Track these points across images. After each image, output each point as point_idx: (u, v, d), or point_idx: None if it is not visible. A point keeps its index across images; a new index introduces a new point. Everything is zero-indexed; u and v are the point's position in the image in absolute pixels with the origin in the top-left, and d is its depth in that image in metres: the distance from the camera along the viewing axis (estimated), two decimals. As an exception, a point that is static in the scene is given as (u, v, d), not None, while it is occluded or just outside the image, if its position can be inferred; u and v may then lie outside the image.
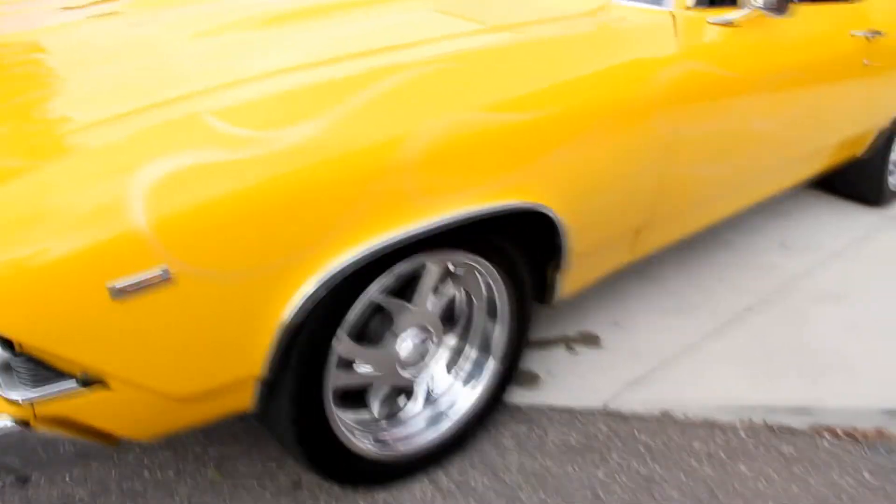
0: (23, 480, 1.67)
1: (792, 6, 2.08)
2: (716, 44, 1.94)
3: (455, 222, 1.42)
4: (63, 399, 1.16)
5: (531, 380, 2.10)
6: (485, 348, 1.80)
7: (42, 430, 1.18)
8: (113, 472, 1.72)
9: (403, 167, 1.32)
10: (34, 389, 1.15)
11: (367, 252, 1.32)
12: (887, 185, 3.39)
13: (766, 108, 2.18)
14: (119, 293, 1.09)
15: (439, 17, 1.80)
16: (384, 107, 1.34)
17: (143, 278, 1.11)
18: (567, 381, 2.10)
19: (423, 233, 1.38)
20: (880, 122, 3.06)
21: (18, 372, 1.15)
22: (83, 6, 2.10)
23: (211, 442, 1.82)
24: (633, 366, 2.17)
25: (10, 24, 1.94)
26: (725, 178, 2.20)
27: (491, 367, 1.80)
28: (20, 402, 1.14)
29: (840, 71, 2.52)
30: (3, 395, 1.15)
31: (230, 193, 1.15)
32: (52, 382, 1.16)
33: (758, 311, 2.51)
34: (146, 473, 1.73)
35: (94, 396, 1.18)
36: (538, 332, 2.29)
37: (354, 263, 1.32)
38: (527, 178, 1.53)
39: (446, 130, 1.38)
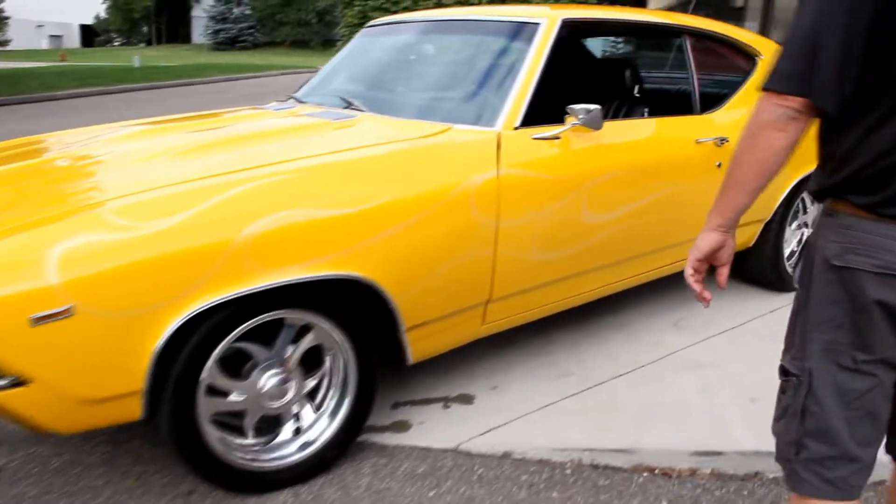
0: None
1: (608, 122, 2.64)
2: (535, 153, 2.51)
3: (282, 286, 1.99)
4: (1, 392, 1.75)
5: (404, 427, 2.59)
6: (344, 389, 2.32)
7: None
8: (57, 480, 2.28)
9: (241, 247, 1.91)
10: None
11: (213, 304, 1.90)
12: (786, 270, 3.81)
13: (601, 204, 2.71)
14: (37, 321, 1.69)
15: (312, 142, 2.44)
16: (232, 206, 1.95)
17: (53, 312, 1.71)
18: (434, 429, 2.58)
19: (256, 293, 1.96)
20: (759, 215, 3.53)
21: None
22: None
23: (137, 460, 2.38)
24: (494, 419, 2.64)
25: None
26: (566, 263, 2.71)
27: (348, 404, 2.31)
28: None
29: (688, 172, 3.04)
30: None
31: (116, 261, 1.76)
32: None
33: (625, 377, 2.95)
34: (82, 482, 2.28)
35: (22, 392, 1.77)
36: (423, 392, 2.80)
37: (206, 312, 1.90)
38: (352, 256, 2.10)
39: (278, 222, 1.97)
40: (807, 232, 3.98)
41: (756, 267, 3.80)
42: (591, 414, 2.68)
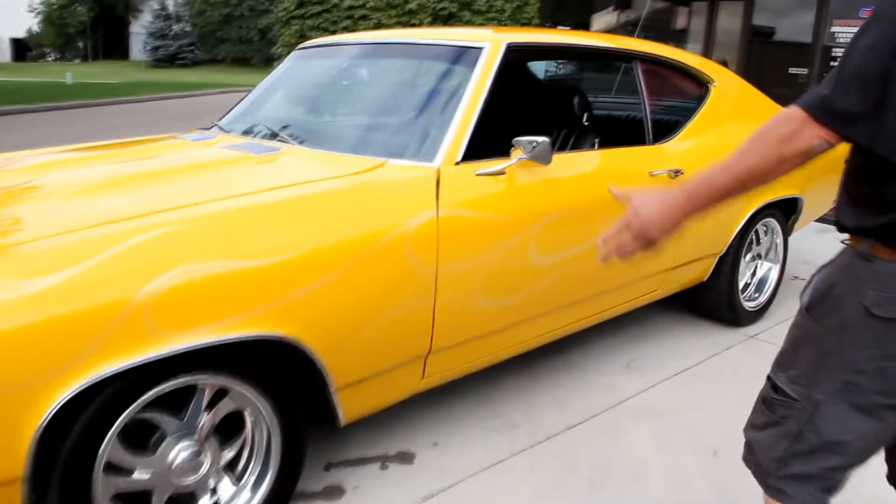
0: None
1: (556, 154, 2.43)
2: (479, 191, 2.29)
3: (192, 350, 1.72)
4: None
5: (337, 493, 2.32)
6: (267, 457, 2.05)
7: None
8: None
9: (140, 307, 1.64)
10: None
11: (109, 374, 1.62)
12: (740, 305, 3.67)
13: (550, 244, 2.51)
14: None
15: (229, 179, 2.17)
16: (132, 258, 1.67)
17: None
18: (370, 495, 2.32)
19: (161, 359, 1.68)
20: (713, 249, 3.39)
21: None
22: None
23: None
24: (436, 482, 2.39)
25: None
26: (513, 309, 2.50)
27: (273, 473, 2.04)
28: None
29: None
30: None
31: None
32: None
33: (578, 429, 2.74)
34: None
35: None
36: (359, 449, 2.54)
37: (102, 382, 1.61)
38: (274, 313, 1.84)
39: (185, 276, 1.70)
40: (761, 264, 3.86)
41: (710, 302, 3.66)
42: (543, 472, 2.46)
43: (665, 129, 3.19)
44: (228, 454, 2.03)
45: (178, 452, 1.89)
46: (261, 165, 2.33)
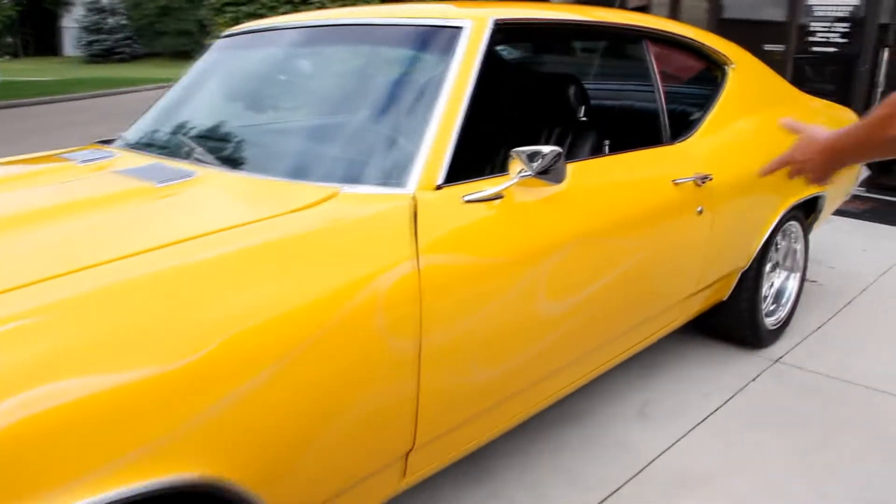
0: None
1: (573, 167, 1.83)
2: (471, 225, 1.67)
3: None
4: None
5: None
6: None
7: None
8: None
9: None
10: None
11: None
12: (763, 324, 3.12)
13: (563, 286, 1.90)
14: None
15: (117, 227, 1.50)
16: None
17: None
18: None
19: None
20: (737, 264, 2.82)
21: None
22: None
23: None
24: None
25: None
26: (516, 376, 1.88)
27: None
28: None
29: (667, 224, 2.27)
30: None
31: None
32: None
33: (598, 510, 2.15)
34: None
35: None
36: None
37: None
38: (181, 447, 1.19)
39: (33, 406, 1.04)
40: (778, 273, 3.32)
41: (729, 322, 3.10)
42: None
43: (682, 123, 2.60)
44: None
45: None
46: (163, 201, 1.65)
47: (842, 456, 2.39)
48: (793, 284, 3.33)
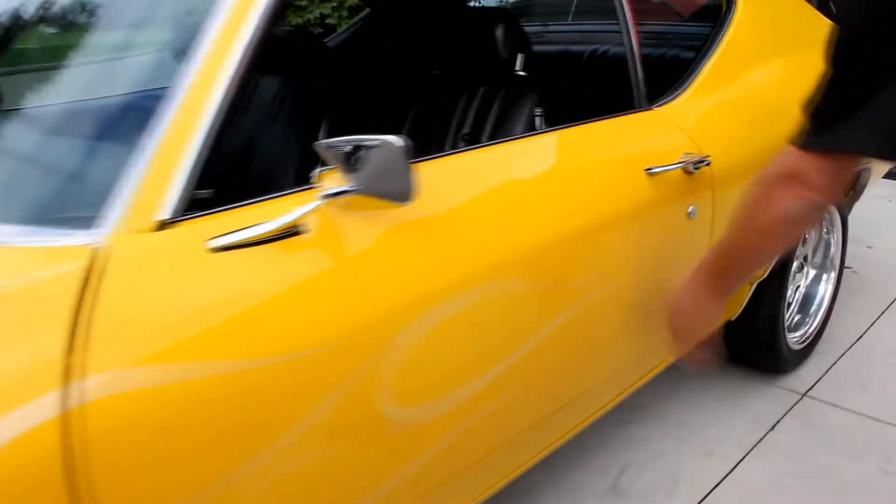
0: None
1: (458, 153, 1.00)
2: (228, 300, 0.85)
3: None
4: None
5: None
6: None
7: None
8: None
9: None
10: None
11: None
12: (785, 344, 2.30)
13: (433, 378, 1.09)
14: None
15: None
16: None
17: None
18: None
19: None
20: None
21: None
22: None
23: None
24: None
25: None
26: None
27: None
28: None
29: (634, 244, 1.44)
30: None
31: None
32: None
33: None
34: None
35: None
36: None
37: None
38: None
39: None
40: (807, 272, 2.49)
41: (740, 346, 2.28)
42: None
43: (665, 78, 1.74)
44: None
45: None
46: None
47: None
48: (825, 288, 2.50)
